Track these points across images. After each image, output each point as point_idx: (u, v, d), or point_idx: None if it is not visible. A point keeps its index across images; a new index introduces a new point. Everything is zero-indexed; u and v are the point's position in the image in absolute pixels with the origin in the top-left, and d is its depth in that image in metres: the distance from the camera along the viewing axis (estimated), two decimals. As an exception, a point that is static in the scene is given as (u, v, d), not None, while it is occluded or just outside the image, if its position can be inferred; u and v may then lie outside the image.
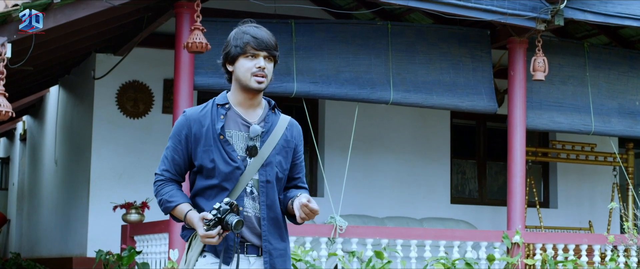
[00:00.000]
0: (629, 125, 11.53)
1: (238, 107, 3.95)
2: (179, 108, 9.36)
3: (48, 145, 14.76)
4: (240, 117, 3.93)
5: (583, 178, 14.06)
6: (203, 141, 3.88)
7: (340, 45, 10.37)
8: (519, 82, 10.66)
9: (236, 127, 3.91)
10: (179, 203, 3.89)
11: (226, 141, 3.87)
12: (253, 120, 3.94)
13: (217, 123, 3.89)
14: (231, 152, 3.86)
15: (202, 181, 3.90)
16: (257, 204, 3.90)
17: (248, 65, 3.88)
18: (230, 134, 3.90)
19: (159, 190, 3.95)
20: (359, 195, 12.49)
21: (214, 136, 3.87)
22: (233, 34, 3.95)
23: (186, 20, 9.35)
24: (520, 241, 10.32)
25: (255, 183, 3.90)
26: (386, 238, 10.05)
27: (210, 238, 3.72)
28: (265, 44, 3.90)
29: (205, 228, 3.72)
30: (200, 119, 3.91)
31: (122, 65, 11.62)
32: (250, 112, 3.95)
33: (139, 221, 10.67)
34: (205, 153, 3.87)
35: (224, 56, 3.96)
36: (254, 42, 3.89)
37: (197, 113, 3.94)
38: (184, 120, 3.95)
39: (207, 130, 3.88)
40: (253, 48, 3.89)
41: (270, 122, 3.95)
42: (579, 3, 10.30)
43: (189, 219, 3.83)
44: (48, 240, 14.22)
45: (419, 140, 13.13)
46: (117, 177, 11.74)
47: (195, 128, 3.91)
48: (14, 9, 8.12)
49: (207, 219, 3.72)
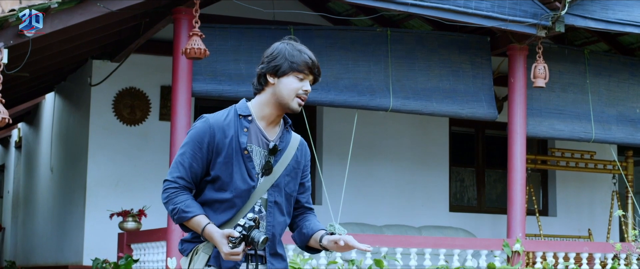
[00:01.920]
0: (629, 132, 11.48)
1: (261, 121, 3.80)
2: (177, 115, 9.28)
3: (44, 153, 14.66)
4: (261, 133, 3.79)
5: (582, 186, 13.99)
6: (225, 152, 3.72)
7: (340, 51, 10.30)
8: (519, 89, 10.60)
9: (257, 142, 3.78)
10: (196, 214, 3.71)
11: (249, 157, 3.74)
12: (272, 137, 3.81)
13: (242, 136, 3.74)
14: (251, 169, 3.74)
15: (212, 193, 3.75)
16: (263, 222, 3.79)
17: (296, 85, 3.74)
18: (252, 149, 3.76)
19: (171, 197, 3.74)
20: (356, 202, 12.40)
21: (236, 150, 3.72)
22: (286, 47, 3.79)
23: (184, 26, 9.27)
24: (520, 249, 10.24)
25: (263, 202, 3.79)
26: (386, 246, 9.97)
27: (236, 255, 3.59)
28: (319, 70, 3.80)
29: (230, 245, 3.58)
30: (224, 128, 3.74)
31: (119, 72, 11.54)
32: (270, 128, 3.82)
33: (136, 229, 10.57)
34: (225, 165, 3.72)
35: (271, 67, 3.76)
36: (311, 64, 3.77)
37: (221, 121, 3.76)
38: (207, 127, 3.75)
39: (230, 141, 3.73)
40: (308, 70, 3.77)
41: (285, 141, 3.84)
42: (580, 10, 10.25)
43: (208, 233, 3.66)
44: (43, 248, 14.11)
45: (417, 147, 13.05)
46: (114, 185, 11.64)
47: (218, 136, 3.73)
48: (10, 15, 8.05)
49: (234, 237, 3.57)
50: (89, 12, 8.57)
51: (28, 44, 8.23)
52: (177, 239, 9.09)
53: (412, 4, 9.62)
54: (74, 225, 12.12)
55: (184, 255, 3.80)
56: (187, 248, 3.80)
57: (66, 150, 13.02)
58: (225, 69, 9.73)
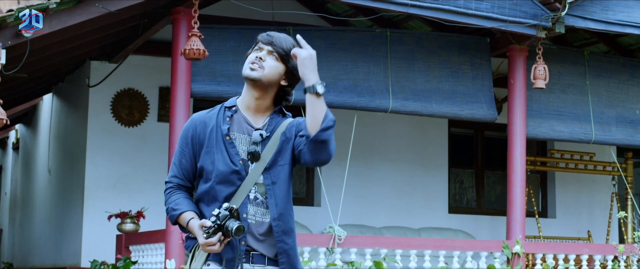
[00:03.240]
0: (629, 134, 11.45)
1: (246, 110, 3.86)
2: (176, 116, 9.23)
3: (41, 154, 14.61)
4: (246, 121, 3.84)
5: (581, 187, 13.96)
6: (206, 142, 3.81)
7: (339, 52, 10.26)
8: (519, 90, 10.57)
9: (240, 129, 3.83)
10: (183, 211, 3.79)
11: (231, 143, 3.79)
12: (259, 125, 3.84)
13: (223, 124, 3.81)
14: (234, 155, 3.77)
15: (201, 187, 3.82)
16: (262, 209, 3.79)
17: (251, 56, 3.84)
18: (234, 136, 3.81)
19: (167, 198, 3.87)
20: (355, 204, 12.35)
21: (218, 137, 3.79)
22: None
23: (183, 26, 9.23)
24: (520, 251, 10.21)
25: (259, 188, 3.80)
26: (385, 248, 9.93)
27: (211, 245, 3.62)
28: (272, 38, 3.84)
29: (205, 235, 3.61)
30: (206, 120, 3.85)
31: (117, 73, 11.49)
32: (258, 117, 3.85)
33: (135, 231, 10.52)
34: (207, 154, 3.80)
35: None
36: (263, 36, 3.86)
37: (203, 115, 3.89)
38: (190, 123, 3.90)
39: (211, 131, 3.81)
40: (261, 42, 3.85)
41: (273, 124, 3.84)
42: (580, 10, 10.21)
43: (190, 227, 3.74)
44: (41, 250, 14.06)
45: (416, 149, 13.01)
46: (112, 186, 11.60)
47: (199, 128, 3.84)
48: (9, 15, 8.01)
49: (206, 226, 3.62)
50: (87, 13, 8.54)
51: (26, 44, 8.20)
52: (176, 241, 9.06)
53: (412, 5, 9.58)
54: (72, 227, 12.07)
55: (188, 251, 3.84)
56: (189, 245, 3.84)
57: (64, 152, 12.97)
58: (224, 70, 9.69)
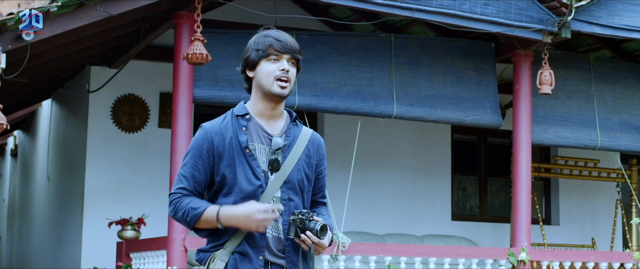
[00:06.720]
0: (635, 140, 11.35)
1: (259, 117, 3.70)
2: (178, 121, 9.11)
3: (40, 160, 14.50)
4: (262, 129, 3.68)
5: (585, 194, 13.85)
6: (226, 154, 3.63)
7: (343, 57, 10.15)
8: (524, 96, 10.46)
9: (258, 139, 3.67)
10: (206, 206, 3.59)
11: (251, 155, 3.63)
12: (275, 132, 3.69)
13: (240, 135, 3.64)
14: (255, 168, 3.62)
15: (222, 199, 3.64)
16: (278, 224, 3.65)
17: (271, 68, 3.64)
18: (254, 147, 3.65)
19: (177, 205, 3.65)
20: (358, 211, 12.24)
21: (237, 150, 3.62)
22: (254, 38, 3.72)
23: (185, 31, 9.11)
24: (526, 258, 10.09)
25: (277, 201, 3.65)
26: (390, 255, 9.81)
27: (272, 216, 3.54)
28: (289, 46, 3.66)
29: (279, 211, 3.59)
30: (222, 131, 3.65)
31: (118, 78, 11.39)
32: (272, 123, 3.71)
33: (135, 238, 10.39)
34: (229, 168, 3.62)
35: (244, 62, 3.72)
36: (277, 44, 3.65)
37: (217, 126, 3.68)
38: (204, 134, 3.68)
39: (230, 143, 3.63)
40: (276, 51, 3.66)
41: (291, 135, 3.70)
42: (586, 15, 10.11)
43: (225, 213, 3.55)
44: (40, 257, 13.94)
45: (419, 155, 12.91)
46: (112, 193, 11.48)
47: (216, 140, 3.65)
48: (9, 18, 7.89)
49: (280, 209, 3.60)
50: (88, 16, 8.42)
51: (26, 48, 8.09)
52: (178, 248, 8.93)
53: (417, 9, 9.48)
54: (71, 234, 11.95)
55: (201, 265, 3.67)
56: (204, 257, 3.67)
57: (63, 158, 12.86)
58: (227, 75, 9.57)
